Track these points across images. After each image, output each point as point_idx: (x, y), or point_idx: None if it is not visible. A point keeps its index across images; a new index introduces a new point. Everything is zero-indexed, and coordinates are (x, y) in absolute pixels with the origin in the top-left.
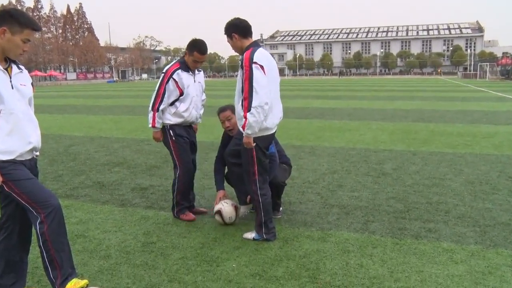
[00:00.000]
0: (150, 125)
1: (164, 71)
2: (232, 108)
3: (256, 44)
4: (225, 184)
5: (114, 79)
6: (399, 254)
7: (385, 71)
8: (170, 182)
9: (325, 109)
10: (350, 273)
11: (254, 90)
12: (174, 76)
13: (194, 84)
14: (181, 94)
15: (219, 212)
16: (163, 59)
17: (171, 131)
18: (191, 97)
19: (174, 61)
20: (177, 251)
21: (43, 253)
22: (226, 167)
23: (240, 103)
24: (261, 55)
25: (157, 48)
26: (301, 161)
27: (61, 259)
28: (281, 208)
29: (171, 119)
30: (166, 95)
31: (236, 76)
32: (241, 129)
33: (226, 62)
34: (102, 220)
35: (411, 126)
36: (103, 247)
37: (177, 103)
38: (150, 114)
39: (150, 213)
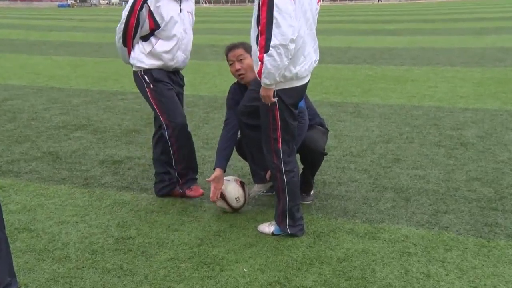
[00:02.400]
0: (130, 62)
1: None
2: (246, 46)
3: None
4: (236, 158)
5: (69, 2)
6: (487, 262)
7: None
8: None
9: (378, 49)
10: (411, 285)
11: (274, 21)
12: (149, 2)
13: (180, 14)
14: (155, 28)
15: (221, 195)
16: None
17: (146, 77)
18: (176, 33)
19: None
20: (165, 250)
21: None
22: (239, 131)
23: (256, 39)
24: None
25: None
26: (341, 125)
27: None
28: (312, 191)
29: (144, 61)
30: (139, 28)
31: (252, 1)
32: (257, 77)
33: None
34: (56, 207)
35: (511, 73)
36: (58, 245)
37: (152, 39)
38: (124, 51)
39: (126, 196)
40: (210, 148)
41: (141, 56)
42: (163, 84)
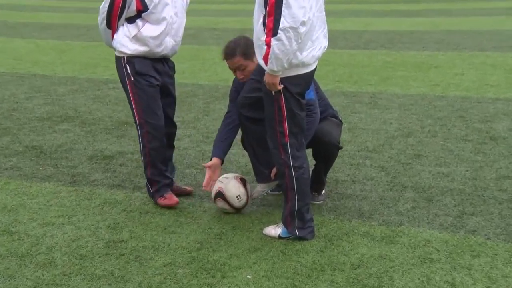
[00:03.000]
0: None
1: None
2: (244, 49)
3: None
4: (239, 152)
5: None
6: None
7: None
8: None
9: (397, 32)
10: None
11: (284, 1)
12: None
13: None
14: (143, 9)
15: (220, 194)
16: None
17: (128, 67)
18: (166, 16)
19: None
20: (161, 255)
21: None
22: (240, 126)
23: (261, 21)
24: None
25: None
26: (356, 117)
27: None
28: (324, 190)
29: (128, 46)
30: (125, 9)
31: None
32: (261, 62)
33: None
34: (40, 207)
35: None
36: (42, 249)
37: (139, 22)
38: (108, 33)
39: (118, 196)
40: (210, 142)
41: (125, 40)
42: (146, 79)
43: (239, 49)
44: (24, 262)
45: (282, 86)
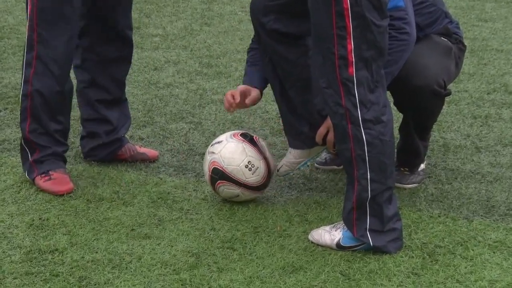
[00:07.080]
0: None
1: None
2: None
3: None
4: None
5: None
6: None
7: None
8: None
9: None
10: None
11: None
12: None
13: None
14: None
15: (217, 174)
16: None
17: None
18: None
19: None
20: (126, 276)
21: None
22: (259, 47)
23: None
24: None
25: None
26: (484, 29)
27: None
28: (423, 165)
29: None
30: None
31: None
32: None
33: None
34: None
35: None
36: None
37: None
38: None
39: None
40: (214, 74)
41: None
42: None
43: None
44: None
45: None
